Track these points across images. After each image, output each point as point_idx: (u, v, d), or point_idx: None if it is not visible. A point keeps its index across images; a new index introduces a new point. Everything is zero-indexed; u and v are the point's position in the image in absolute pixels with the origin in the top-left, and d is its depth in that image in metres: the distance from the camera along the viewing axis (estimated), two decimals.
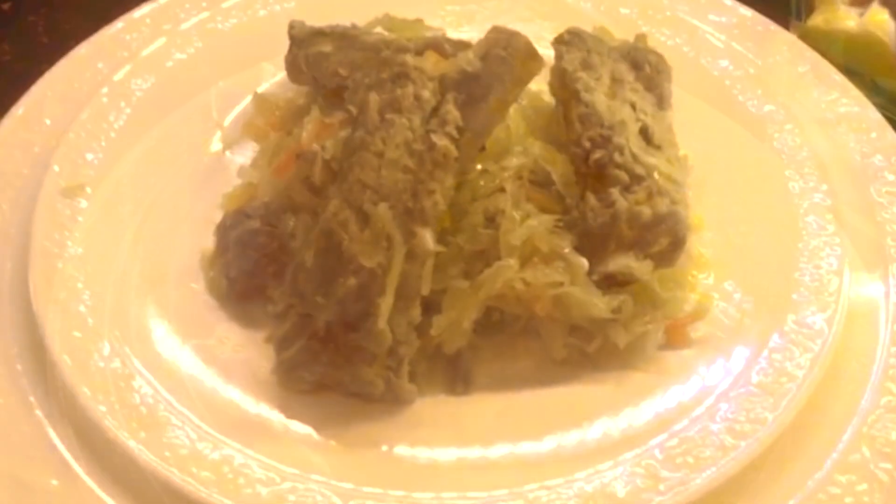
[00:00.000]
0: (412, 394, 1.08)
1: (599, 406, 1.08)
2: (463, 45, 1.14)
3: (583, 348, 1.12)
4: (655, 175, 1.14)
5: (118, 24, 1.50)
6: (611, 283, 1.12)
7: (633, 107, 1.20)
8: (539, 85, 1.29)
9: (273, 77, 1.43)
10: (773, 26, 1.52)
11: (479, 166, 1.17)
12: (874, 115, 1.38)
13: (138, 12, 1.52)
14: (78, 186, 1.25)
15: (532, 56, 1.11)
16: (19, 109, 1.35)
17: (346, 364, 1.05)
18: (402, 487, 1.01)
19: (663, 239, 1.12)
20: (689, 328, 1.14)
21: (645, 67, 1.26)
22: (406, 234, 1.04)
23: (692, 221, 1.21)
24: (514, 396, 1.11)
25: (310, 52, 1.29)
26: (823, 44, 1.51)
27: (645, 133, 1.18)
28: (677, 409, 1.06)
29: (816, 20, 1.57)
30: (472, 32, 1.34)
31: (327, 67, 1.26)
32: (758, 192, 1.28)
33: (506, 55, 1.10)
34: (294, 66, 1.33)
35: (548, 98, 1.30)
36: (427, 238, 1.04)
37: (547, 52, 1.26)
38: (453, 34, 1.33)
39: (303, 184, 1.20)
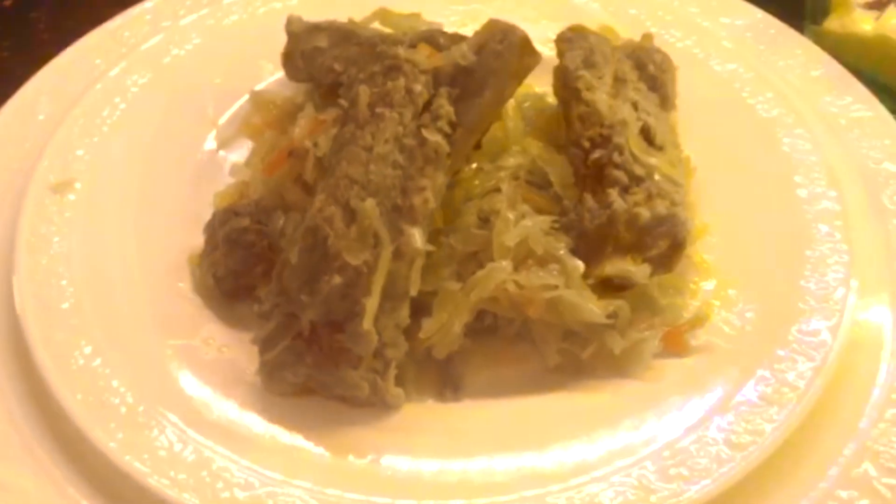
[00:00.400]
0: (399, 398, 1.05)
1: (593, 415, 1.05)
2: (458, 39, 1.11)
3: (577, 354, 1.08)
4: (656, 176, 1.10)
5: (117, 21, 1.48)
6: (608, 287, 1.08)
7: (635, 106, 1.16)
8: (546, 88, 1.26)
9: (272, 75, 1.41)
10: (787, 29, 1.48)
11: (474, 165, 1.14)
12: (888, 121, 1.34)
13: (138, 8, 1.51)
14: (67, 182, 1.23)
15: (529, 51, 1.08)
16: (12, 104, 1.33)
17: (331, 366, 1.02)
18: (386, 495, 0.97)
19: (662, 242, 1.08)
20: (688, 336, 1.10)
21: (649, 67, 1.23)
22: (394, 232, 1.01)
23: (696, 226, 1.18)
24: (505, 404, 1.07)
25: (306, 47, 1.27)
26: (838, 47, 1.47)
27: (646, 133, 1.14)
28: (673, 419, 1.02)
29: (832, 24, 1.53)
30: None
31: (322, 63, 1.24)
32: (765, 197, 1.23)
33: (502, 49, 1.07)
34: (290, 63, 1.31)
35: (553, 100, 1.26)
36: (416, 236, 1.01)
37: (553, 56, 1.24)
38: None
39: (295, 182, 1.18)
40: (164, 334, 1.10)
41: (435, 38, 1.12)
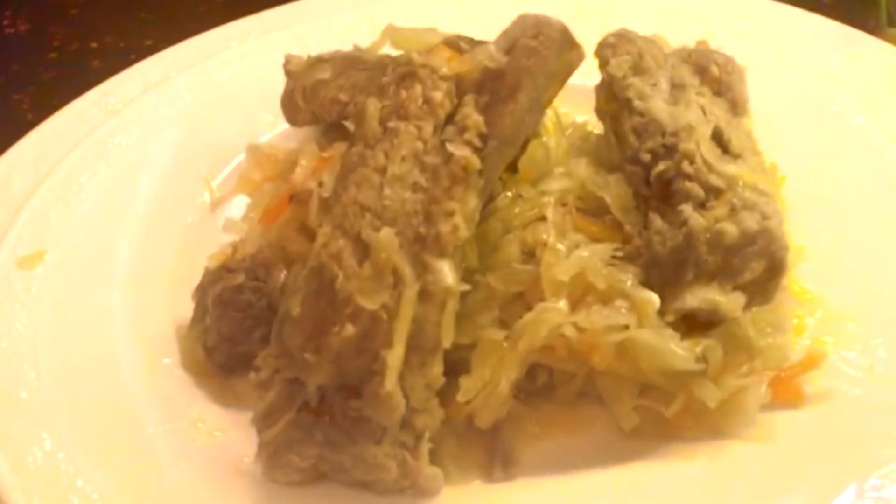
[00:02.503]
0: (436, 480, 0.86)
1: (686, 490, 0.85)
2: (481, 43, 0.93)
3: (660, 413, 0.87)
4: (739, 186, 0.89)
5: (103, 88, 1.34)
6: (691, 324, 0.87)
7: (703, 110, 0.97)
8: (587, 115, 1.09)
9: (273, 128, 1.26)
10: (861, 34, 1.31)
11: (510, 192, 0.95)
12: None
13: (127, 73, 1.36)
14: (36, 255, 1.08)
15: (569, 45, 0.91)
16: None
17: (347, 442, 0.82)
18: None
19: (756, 263, 0.87)
20: (800, 381, 0.88)
21: (711, 69, 1.03)
22: (418, 268, 0.82)
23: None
24: (569, 481, 0.88)
25: (307, 83, 1.10)
26: None
27: (719, 138, 0.94)
28: (797, 491, 0.80)
29: None
30: None
31: (326, 95, 1.06)
32: (871, 213, 1.05)
33: (537, 45, 0.90)
34: (290, 104, 1.14)
35: (597, 129, 1.08)
36: (445, 271, 0.82)
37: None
38: None
39: (298, 230, 1.00)
40: (143, 420, 0.92)
41: (455, 43, 0.93)
